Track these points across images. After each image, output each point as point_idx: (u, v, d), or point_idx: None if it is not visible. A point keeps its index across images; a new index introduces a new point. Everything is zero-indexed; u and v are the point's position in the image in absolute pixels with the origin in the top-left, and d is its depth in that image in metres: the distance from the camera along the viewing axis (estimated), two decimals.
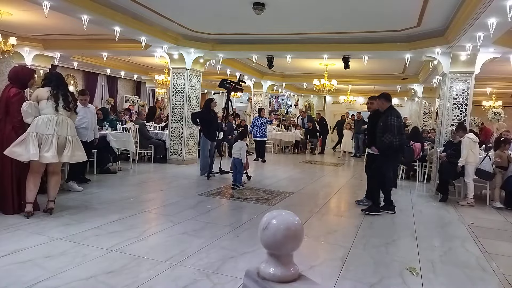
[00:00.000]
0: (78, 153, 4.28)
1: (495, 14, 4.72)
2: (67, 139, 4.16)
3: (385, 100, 5.31)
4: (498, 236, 4.61)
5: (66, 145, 4.14)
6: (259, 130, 10.67)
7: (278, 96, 19.79)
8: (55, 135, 4.04)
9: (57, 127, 4.07)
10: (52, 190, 4.28)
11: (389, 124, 5.04)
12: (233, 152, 6.56)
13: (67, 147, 4.14)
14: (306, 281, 1.13)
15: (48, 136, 4.00)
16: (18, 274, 2.72)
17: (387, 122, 5.07)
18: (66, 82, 4.64)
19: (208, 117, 7.56)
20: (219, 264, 3.13)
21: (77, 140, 4.31)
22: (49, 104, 4.12)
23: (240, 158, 6.42)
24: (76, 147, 4.26)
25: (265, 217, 1.14)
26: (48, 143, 3.99)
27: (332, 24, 6.96)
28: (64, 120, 4.16)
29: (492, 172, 6.03)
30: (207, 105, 7.65)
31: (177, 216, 4.51)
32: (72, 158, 4.21)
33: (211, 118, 7.61)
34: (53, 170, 4.29)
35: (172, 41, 8.15)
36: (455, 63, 7.02)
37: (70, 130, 4.22)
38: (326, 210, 5.38)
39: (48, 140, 3.99)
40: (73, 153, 4.20)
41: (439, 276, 3.20)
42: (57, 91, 4.20)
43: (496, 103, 13.11)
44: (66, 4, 5.59)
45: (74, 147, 4.21)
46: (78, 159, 4.32)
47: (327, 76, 11.24)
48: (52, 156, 3.99)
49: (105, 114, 9.23)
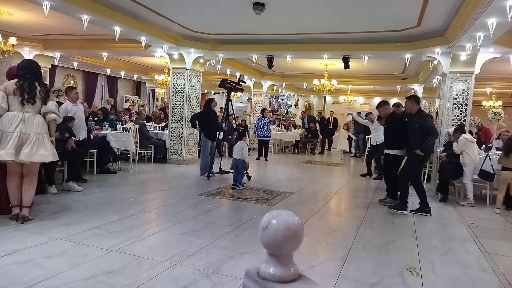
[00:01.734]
0: (41, 152, 3.86)
1: (495, 14, 4.72)
2: (30, 136, 3.81)
3: (415, 102, 5.48)
4: (498, 236, 4.61)
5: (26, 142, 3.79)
6: (263, 129, 10.87)
7: (278, 96, 19.79)
8: (16, 132, 3.74)
9: (22, 125, 3.78)
10: (24, 194, 3.95)
11: (429, 126, 5.21)
12: (234, 153, 6.54)
13: (26, 144, 3.77)
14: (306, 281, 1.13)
15: (9, 133, 3.73)
16: (18, 274, 2.72)
17: (426, 124, 5.21)
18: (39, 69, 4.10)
19: (209, 117, 7.56)
20: (219, 264, 3.13)
21: (44, 138, 3.91)
22: (15, 99, 3.83)
23: (242, 158, 6.42)
24: (40, 145, 3.86)
25: (265, 217, 1.14)
26: (7, 140, 3.71)
27: (332, 24, 6.97)
28: (30, 117, 3.84)
29: (493, 173, 6.03)
30: (207, 105, 7.65)
31: (177, 216, 4.51)
32: (32, 156, 3.79)
33: (211, 118, 7.61)
34: (26, 173, 3.95)
35: (172, 41, 8.15)
36: (455, 63, 7.02)
37: (37, 127, 3.87)
38: (326, 210, 5.38)
39: (7, 137, 3.72)
40: (34, 151, 3.80)
41: (439, 276, 3.20)
42: (22, 83, 3.85)
43: (496, 103, 13.12)
44: (66, 4, 5.59)
45: (37, 145, 3.83)
46: (41, 159, 3.89)
47: (327, 76, 11.24)
48: (6, 153, 3.66)
49: (105, 114, 9.24)
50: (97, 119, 8.81)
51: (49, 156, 3.95)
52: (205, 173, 7.34)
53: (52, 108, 4.02)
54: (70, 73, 13.87)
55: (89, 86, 14.74)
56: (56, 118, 4.07)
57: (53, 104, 4.05)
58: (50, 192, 5.21)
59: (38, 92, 3.94)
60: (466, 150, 6.02)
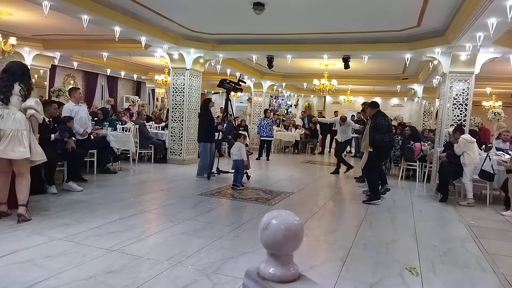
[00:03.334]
0: (19, 149, 3.80)
1: (495, 14, 4.71)
2: (6, 133, 3.77)
3: (372, 107, 6.19)
4: (498, 236, 4.61)
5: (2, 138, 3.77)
6: (265, 130, 11.06)
7: (278, 96, 19.78)
8: None
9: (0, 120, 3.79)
10: (19, 193, 3.94)
11: (378, 125, 5.86)
12: (233, 154, 6.52)
13: (2, 141, 3.74)
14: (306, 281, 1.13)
15: None
16: (18, 274, 2.72)
17: (376, 123, 5.90)
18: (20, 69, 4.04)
19: (208, 117, 7.53)
20: (219, 264, 3.13)
21: (22, 135, 3.85)
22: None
23: (241, 159, 6.42)
24: (18, 142, 3.81)
25: (265, 217, 1.14)
26: None
27: (332, 24, 6.96)
28: (9, 113, 3.82)
29: (493, 173, 6.03)
30: (206, 106, 7.58)
31: (177, 216, 4.51)
32: (8, 153, 3.76)
33: (210, 119, 7.59)
34: (16, 171, 3.95)
35: (172, 41, 8.15)
36: (455, 63, 7.02)
37: (14, 123, 3.81)
38: (326, 210, 5.39)
39: None
40: (11, 148, 3.76)
41: (439, 276, 3.20)
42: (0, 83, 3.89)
43: (496, 103, 13.12)
44: (66, 4, 5.59)
45: (13, 142, 3.78)
46: (17, 156, 3.81)
47: (327, 76, 11.24)
48: None
49: (105, 114, 9.24)
50: (97, 119, 8.81)
51: (27, 152, 3.85)
52: (202, 174, 7.31)
53: (30, 104, 3.94)
54: (70, 73, 13.87)
55: (89, 86, 14.74)
56: (35, 113, 3.99)
57: (32, 100, 3.97)
58: (50, 192, 5.21)
59: (18, 91, 3.91)
60: (467, 151, 6.01)
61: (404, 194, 6.88)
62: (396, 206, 5.80)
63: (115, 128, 8.50)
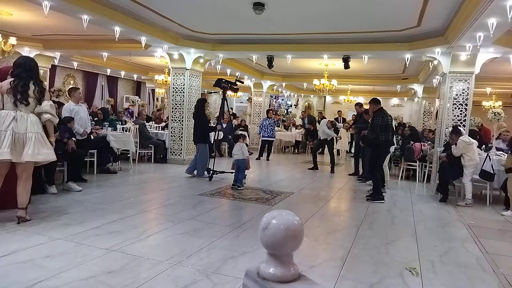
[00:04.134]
0: (44, 151, 3.83)
1: (495, 14, 4.71)
2: (27, 136, 3.75)
3: (373, 104, 6.32)
4: (498, 236, 4.61)
5: (26, 142, 3.73)
6: (267, 130, 11.09)
7: (278, 96, 19.78)
8: (9, 131, 3.67)
9: (14, 124, 3.71)
10: (20, 196, 3.86)
11: (374, 124, 6.09)
12: (235, 154, 6.50)
13: (27, 145, 3.73)
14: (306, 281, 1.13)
15: (1, 132, 3.66)
16: (18, 274, 2.72)
17: (373, 121, 6.13)
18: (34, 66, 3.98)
19: (204, 118, 7.51)
20: (219, 264, 3.13)
21: (42, 137, 3.86)
22: (9, 99, 3.79)
23: (243, 158, 6.42)
24: (41, 145, 3.82)
25: (265, 217, 1.14)
26: (0, 139, 3.63)
27: (332, 24, 6.96)
28: (23, 116, 3.77)
29: (493, 173, 6.03)
30: (202, 107, 7.53)
31: (177, 216, 4.51)
32: (36, 156, 3.77)
33: (205, 119, 7.57)
34: (20, 174, 3.85)
35: (172, 41, 8.15)
36: (455, 63, 7.02)
37: (32, 126, 3.80)
38: (326, 210, 5.38)
39: (0, 136, 3.65)
40: (38, 151, 3.77)
41: (439, 276, 3.20)
42: (17, 83, 3.79)
43: (496, 103, 13.11)
44: (66, 4, 5.59)
45: (37, 145, 3.78)
46: (45, 158, 3.86)
47: (327, 76, 11.24)
48: (2, 153, 3.60)
49: (105, 114, 9.24)
50: (97, 119, 8.81)
51: (52, 154, 3.91)
52: (203, 174, 7.29)
53: (47, 109, 3.94)
54: (70, 73, 13.87)
55: (89, 86, 14.74)
56: (51, 118, 3.99)
57: (47, 104, 3.97)
58: (50, 192, 5.21)
59: (32, 92, 3.86)
60: (466, 153, 6.01)
61: (404, 194, 6.88)
62: (396, 206, 5.79)
63: (115, 128, 8.50)
